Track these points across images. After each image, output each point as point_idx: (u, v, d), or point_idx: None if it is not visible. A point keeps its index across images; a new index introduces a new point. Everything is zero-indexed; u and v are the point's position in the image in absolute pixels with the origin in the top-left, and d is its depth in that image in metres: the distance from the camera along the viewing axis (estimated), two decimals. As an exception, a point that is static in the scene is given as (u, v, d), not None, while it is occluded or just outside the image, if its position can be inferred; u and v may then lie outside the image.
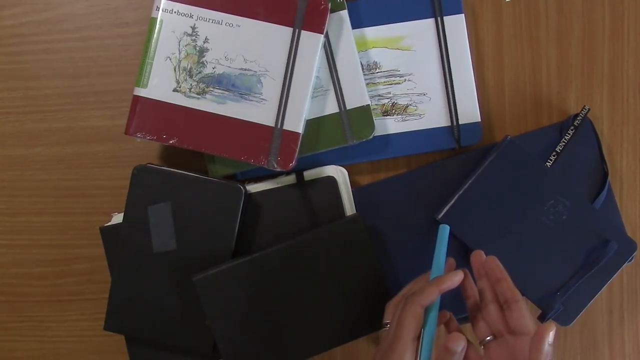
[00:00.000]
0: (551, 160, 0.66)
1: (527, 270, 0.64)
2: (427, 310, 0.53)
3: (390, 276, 0.65)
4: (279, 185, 0.66)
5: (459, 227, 0.64)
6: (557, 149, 0.66)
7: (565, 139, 0.66)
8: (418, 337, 0.52)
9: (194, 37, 0.63)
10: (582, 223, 0.64)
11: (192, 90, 0.63)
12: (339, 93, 0.65)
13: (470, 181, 0.65)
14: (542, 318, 0.64)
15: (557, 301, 0.63)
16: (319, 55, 0.62)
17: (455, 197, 0.64)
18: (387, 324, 0.57)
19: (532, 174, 0.64)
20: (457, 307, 0.66)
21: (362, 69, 0.65)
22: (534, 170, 0.64)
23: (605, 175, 0.66)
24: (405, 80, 0.67)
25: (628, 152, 0.70)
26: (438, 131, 0.67)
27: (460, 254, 0.63)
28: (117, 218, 0.67)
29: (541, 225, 0.64)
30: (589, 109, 0.66)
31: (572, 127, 0.66)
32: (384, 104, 0.67)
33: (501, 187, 0.64)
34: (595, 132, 0.67)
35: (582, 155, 0.67)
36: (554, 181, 0.64)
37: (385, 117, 0.67)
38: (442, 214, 0.64)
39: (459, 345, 0.51)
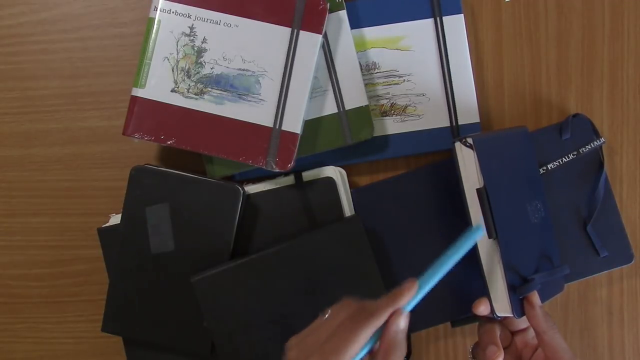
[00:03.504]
0: (542, 170, 0.65)
1: (515, 239, 0.60)
2: None
3: (388, 277, 0.65)
4: (278, 186, 0.65)
5: (486, 159, 0.59)
6: (549, 167, 0.65)
7: (562, 161, 0.66)
8: None
9: (192, 38, 0.62)
10: (543, 237, 0.62)
11: (190, 90, 0.62)
12: (337, 93, 0.65)
13: (507, 131, 0.63)
14: (521, 293, 0.60)
15: (534, 287, 0.59)
16: (317, 55, 0.62)
17: (496, 133, 0.62)
18: (327, 312, 0.52)
19: (529, 168, 0.63)
20: (460, 307, 0.66)
21: (361, 69, 0.65)
22: (533, 166, 0.63)
23: (601, 164, 0.66)
24: (404, 80, 0.67)
25: (628, 152, 0.69)
26: (437, 132, 0.67)
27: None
28: (115, 219, 0.67)
29: (527, 215, 0.62)
30: (604, 141, 0.66)
31: (574, 153, 0.66)
32: (382, 105, 0.67)
33: (523, 156, 0.63)
34: (596, 131, 0.67)
35: (582, 156, 0.66)
36: (541, 186, 0.63)
37: (384, 117, 0.67)
38: (479, 138, 0.60)
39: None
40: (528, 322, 0.59)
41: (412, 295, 0.52)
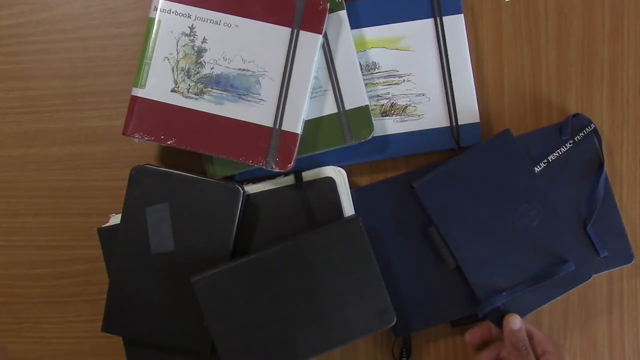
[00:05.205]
0: (543, 165, 0.65)
1: (484, 259, 0.63)
2: None
3: (388, 277, 0.65)
4: (278, 186, 0.65)
5: (431, 201, 0.64)
6: (549, 158, 0.66)
7: (560, 151, 0.66)
8: None
9: (192, 38, 0.62)
10: (548, 235, 0.63)
11: (190, 90, 0.62)
12: (337, 93, 0.65)
13: (456, 159, 0.64)
14: (479, 311, 0.64)
15: (499, 301, 0.63)
16: (317, 55, 0.62)
17: (438, 169, 0.64)
18: None
19: (516, 172, 0.63)
20: (459, 308, 0.66)
21: (361, 69, 0.65)
22: (519, 169, 0.64)
23: (601, 164, 0.66)
24: (404, 80, 0.67)
25: (628, 152, 0.69)
26: (437, 132, 0.67)
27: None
28: (115, 219, 0.67)
29: (510, 224, 0.63)
30: (594, 127, 0.66)
31: (571, 141, 0.66)
32: (382, 105, 0.67)
33: (484, 174, 0.63)
34: (596, 131, 0.67)
35: (581, 155, 0.66)
36: (535, 186, 0.63)
37: (384, 117, 0.67)
38: (420, 183, 0.64)
39: None
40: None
41: None
